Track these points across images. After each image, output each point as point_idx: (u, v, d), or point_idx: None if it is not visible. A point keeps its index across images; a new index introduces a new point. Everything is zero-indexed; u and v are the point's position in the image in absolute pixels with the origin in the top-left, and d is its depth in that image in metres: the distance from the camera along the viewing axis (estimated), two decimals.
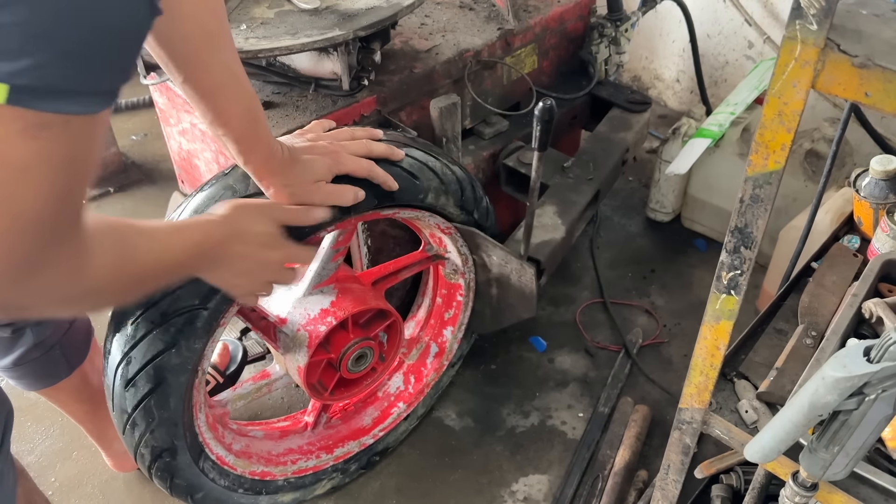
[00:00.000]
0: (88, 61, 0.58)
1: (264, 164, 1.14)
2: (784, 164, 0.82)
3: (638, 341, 2.02)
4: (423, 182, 1.39)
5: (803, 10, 0.70)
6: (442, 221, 1.52)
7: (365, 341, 1.49)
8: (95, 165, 0.68)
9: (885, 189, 1.44)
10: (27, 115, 0.56)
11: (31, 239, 0.64)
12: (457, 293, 1.74)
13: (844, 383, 0.80)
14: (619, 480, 1.64)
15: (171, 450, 1.32)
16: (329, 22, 1.45)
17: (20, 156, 0.58)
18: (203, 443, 1.41)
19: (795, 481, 0.99)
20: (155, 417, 1.26)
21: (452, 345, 1.78)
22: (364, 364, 1.52)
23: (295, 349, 1.44)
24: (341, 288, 1.49)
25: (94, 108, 0.61)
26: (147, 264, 0.88)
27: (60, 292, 0.72)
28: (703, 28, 2.60)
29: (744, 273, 0.94)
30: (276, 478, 1.58)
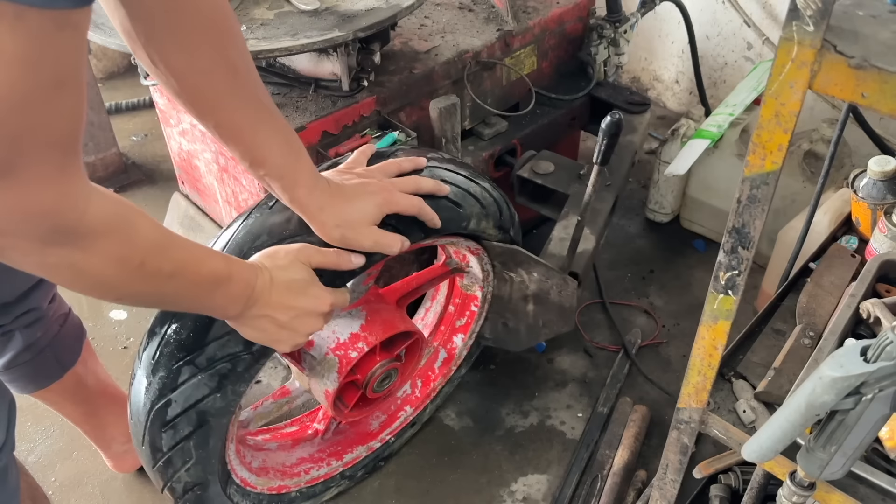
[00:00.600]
0: None
1: (311, 201, 1.08)
2: (781, 164, 0.82)
3: (637, 341, 2.02)
4: (466, 209, 1.35)
5: (800, 11, 0.71)
6: (473, 244, 1.48)
7: (391, 364, 1.44)
8: (71, 88, 0.63)
9: (882, 190, 1.45)
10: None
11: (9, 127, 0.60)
12: (472, 303, 1.72)
13: (841, 383, 0.80)
14: (617, 480, 1.64)
15: (203, 484, 1.30)
16: (329, 23, 1.45)
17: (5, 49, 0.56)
18: (231, 470, 1.39)
19: (793, 481, 1.00)
20: (192, 457, 1.24)
21: (462, 352, 1.77)
22: (388, 383, 1.48)
23: (323, 373, 1.39)
24: (370, 309, 1.44)
25: (54, 3, 0.57)
26: (163, 270, 0.82)
27: (47, 208, 0.67)
28: (702, 29, 2.61)
29: (741, 273, 0.94)
30: (291, 490, 1.57)
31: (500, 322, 1.69)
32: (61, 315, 1.45)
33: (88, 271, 0.77)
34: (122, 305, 2.17)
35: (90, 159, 2.55)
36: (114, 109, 2.96)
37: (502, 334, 1.72)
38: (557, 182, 1.82)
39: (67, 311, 1.49)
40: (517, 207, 1.89)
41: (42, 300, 1.39)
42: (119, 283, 0.81)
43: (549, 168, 1.84)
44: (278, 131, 1.04)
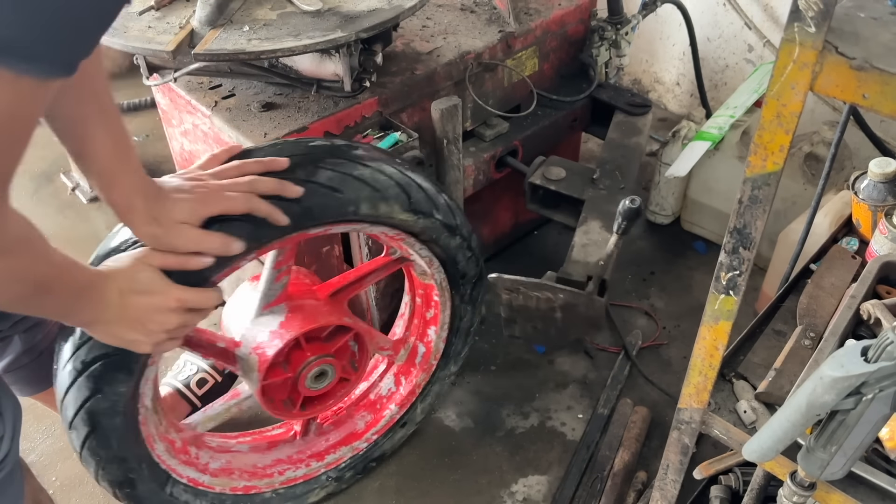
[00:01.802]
0: (53, 28, 0.60)
1: (123, 201, 1.08)
2: (782, 165, 0.82)
3: (637, 343, 2.02)
4: (348, 194, 1.25)
5: (801, 12, 0.71)
6: (391, 230, 1.42)
7: (323, 358, 1.43)
8: (28, 136, 0.68)
9: (883, 191, 1.45)
10: None
11: None
12: (432, 293, 1.69)
13: (842, 383, 0.80)
14: (618, 481, 1.64)
15: (129, 482, 1.34)
16: (331, 24, 1.46)
17: None
18: (168, 470, 1.40)
19: (793, 481, 1.00)
20: (101, 456, 1.28)
21: (438, 345, 1.74)
22: (325, 380, 1.47)
23: (249, 373, 1.40)
24: (292, 306, 1.42)
25: (47, 74, 0.62)
26: (43, 282, 0.86)
27: None
28: (703, 31, 2.61)
29: (742, 274, 0.95)
30: (263, 490, 1.57)
31: (529, 325, 1.67)
32: None
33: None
34: None
35: None
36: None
37: (532, 334, 1.70)
38: (571, 187, 1.82)
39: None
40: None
41: None
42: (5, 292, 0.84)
43: (562, 174, 1.84)
44: (109, 132, 1.05)
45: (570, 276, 1.57)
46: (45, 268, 0.85)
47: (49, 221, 2.49)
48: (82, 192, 2.61)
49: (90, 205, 2.57)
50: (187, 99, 1.66)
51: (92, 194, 2.58)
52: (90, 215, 2.53)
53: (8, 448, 1.07)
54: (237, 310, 1.48)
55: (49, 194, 2.63)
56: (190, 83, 1.68)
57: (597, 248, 1.66)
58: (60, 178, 2.69)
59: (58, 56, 0.63)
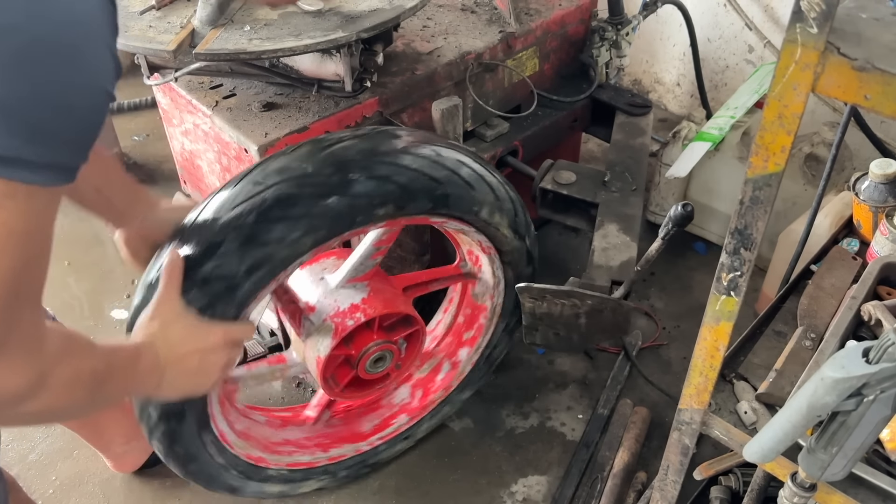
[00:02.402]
0: (54, 138, 0.63)
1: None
2: (784, 165, 0.82)
3: (637, 343, 2.02)
4: (478, 193, 1.38)
5: (804, 13, 0.71)
6: (485, 239, 1.49)
7: (386, 344, 1.47)
8: (49, 247, 0.71)
9: (884, 192, 1.45)
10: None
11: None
12: (480, 315, 1.72)
13: (843, 384, 0.80)
14: (617, 482, 1.64)
15: (179, 413, 1.30)
16: (332, 24, 1.46)
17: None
18: (210, 415, 1.39)
19: (794, 482, 1.00)
20: None
21: (466, 366, 1.75)
22: (382, 367, 1.50)
23: (318, 338, 1.42)
24: (374, 287, 1.47)
25: (56, 182, 0.65)
26: (100, 374, 0.86)
27: (14, 390, 0.71)
28: (704, 32, 2.61)
29: (743, 274, 0.95)
30: (270, 466, 1.57)
31: (551, 332, 1.67)
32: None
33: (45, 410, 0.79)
34: (122, 306, 2.18)
35: None
36: (116, 109, 2.97)
37: (553, 341, 1.70)
38: (583, 191, 1.81)
39: (51, 320, 1.49)
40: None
41: None
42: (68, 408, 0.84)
43: (572, 178, 1.83)
44: (125, 182, 1.21)
45: (593, 281, 1.57)
46: (94, 363, 0.85)
47: None
48: None
49: None
50: (188, 98, 1.66)
51: None
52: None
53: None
54: (308, 279, 1.50)
55: None
56: (191, 83, 1.68)
57: (617, 251, 1.65)
58: None
59: (67, 162, 0.67)
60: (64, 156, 0.65)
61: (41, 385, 0.73)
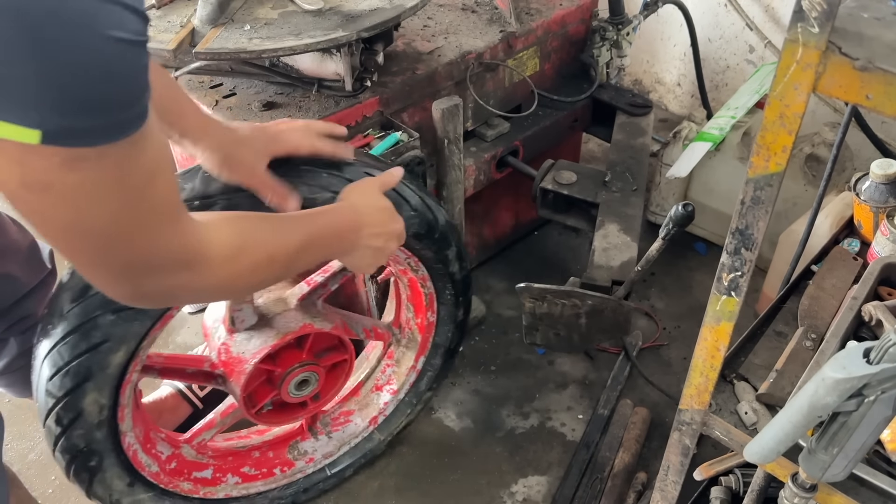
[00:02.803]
0: (104, 102, 0.62)
1: (198, 126, 1.17)
2: (785, 166, 0.82)
3: (637, 344, 2.02)
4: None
5: (805, 12, 0.71)
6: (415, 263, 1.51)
7: (312, 366, 1.48)
8: (164, 169, 0.72)
9: (885, 193, 1.45)
10: (62, 152, 0.61)
11: (121, 249, 0.71)
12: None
13: (844, 385, 0.80)
14: (618, 482, 1.64)
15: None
16: (332, 23, 1.46)
17: (69, 185, 0.63)
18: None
19: (795, 482, 1.00)
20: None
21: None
22: (305, 390, 1.50)
23: (251, 336, 1.47)
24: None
25: (123, 134, 0.65)
26: (273, 246, 0.92)
27: (187, 285, 0.79)
28: (705, 32, 2.61)
29: (744, 274, 0.94)
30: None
31: (551, 332, 1.67)
32: None
33: (218, 288, 0.87)
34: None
35: None
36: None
37: (554, 341, 1.70)
38: (584, 191, 1.81)
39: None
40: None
41: (37, 307, 1.38)
42: (250, 283, 0.93)
43: (573, 178, 1.83)
44: (190, 101, 1.20)
45: (594, 281, 1.57)
46: (278, 249, 0.92)
47: None
48: None
49: None
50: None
51: None
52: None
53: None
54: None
55: None
56: (191, 82, 1.67)
57: (618, 251, 1.65)
58: None
59: (125, 115, 0.66)
60: (116, 111, 0.64)
61: (219, 280, 0.81)
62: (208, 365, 1.45)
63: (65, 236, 0.69)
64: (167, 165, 0.74)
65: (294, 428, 1.70)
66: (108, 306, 1.17)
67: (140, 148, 0.67)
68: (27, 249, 1.39)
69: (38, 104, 0.58)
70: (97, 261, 0.72)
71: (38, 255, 1.42)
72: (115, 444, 1.30)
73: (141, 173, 0.68)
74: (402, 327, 1.74)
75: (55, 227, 0.68)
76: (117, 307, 1.17)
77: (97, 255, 0.71)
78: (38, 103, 0.58)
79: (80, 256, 0.72)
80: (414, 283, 1.61)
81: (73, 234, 0.68)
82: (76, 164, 0.62)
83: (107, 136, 0.63)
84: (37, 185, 0.62)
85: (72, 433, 1.24)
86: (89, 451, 1.28)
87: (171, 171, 0.76)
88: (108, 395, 1.24)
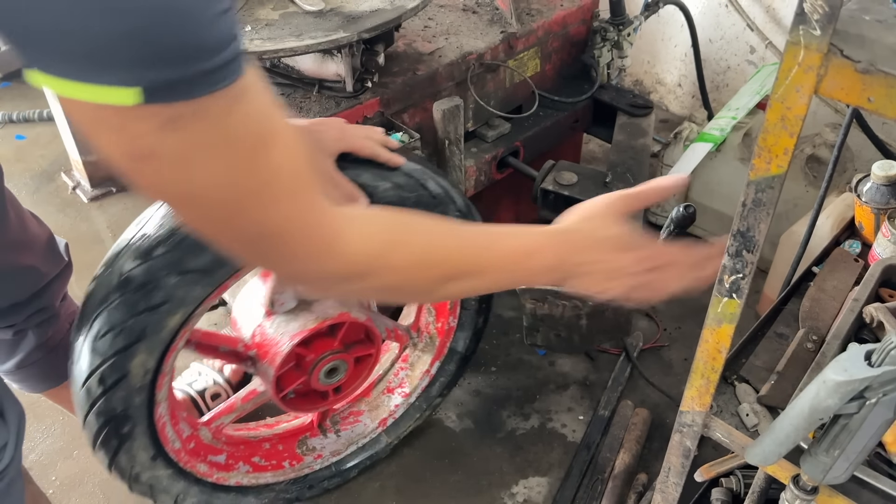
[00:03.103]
0: (191, 48, 0.58)
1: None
2: (787, 168, 0.82)
3: (638, 345, 2.02)
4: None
5: (807, 15, 0.71)
6: None
7: (343, 354, 1.48)
8: (281, 141, 0.67)
9: (886, 194, 1.45)
10: (159, 111, 0.58)
11: (241, 221, 0.67)
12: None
13: (846, 387, 0.80)
14: (618, 483, 1.64)
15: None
16: (333, 24, 1.46)
17: (172, 148, 0.60)
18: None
19: (796, 485, 1.00)
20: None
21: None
22: (334, 378, 1.51)
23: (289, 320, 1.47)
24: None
25: (217, 84, 0.60)
26: (432, 262, 0.82)
27: (310, 269, 0.73)
28: (705, 33, 2.61)
29: (746, 277, 0.94)
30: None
31: (552, 333, 1.66)
32: (71, 313, 1.46)
33: (394, 290, 0.82)
34: None
35: (93, 158, 2.55)
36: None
37: (554, 342, 1.69)
38: (584, 192, 1.80)
39: (77, 309, 1.50)
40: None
41: (54, 299, 1.39)
42: (422, 293, 0.86)
43: (573, 179, 1.83)
44: None
45: None
46: (426, 253, 0.81)
47: (50, 220, 2.45)
48: (83, 191, 2.60)
49: (91, 203, 2.56)
50: None
51: (93, 193, 2.58)
52: (91, 214, 2.53)
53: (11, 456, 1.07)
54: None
55: (50, 193, 2.63)
56: None
57: None
58: (61, 177, 2.69)
59: (220, 61, 0.60)
60: (204, 57, 0.59)
61: (337, 259, 0.73)
62: (242, 346, 1.46)
63: (183, 206, 0.67)
64: (287, 139, 0.68)
65: (304, 423, 1.71)
66: (173, 267, 1.17)
67: (240, 106, 0.63)
68: (46, 242, 1.40)
69: (127, 60, 0.55)
70: (222, 233, 0.69)
71: (55, 248, 1.43)
72: (148, 413, 1.30)
73: (245, 135, 0.64)
74: (421, 331, 1.74)
75: (172, 197, 0.66)
76: (183, 269, 1.17)
77: (220, 227, 0.68)
78: (128, 59, 0.55)
79: (206, 228, 0.69)
80: None
81: (190, 203, 0.66)
82: (175, 124, 0.59)
83: (200, 86, 0.59)
84: (141, 152, 0.60)
85: (113, 395, 1.23)
86: (125, 416, 1.27)
87: (294, 145, 0.69)
88: (156, 359, 1.24)
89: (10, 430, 1.07)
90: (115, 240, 1.27)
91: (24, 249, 1.33)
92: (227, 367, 1.86)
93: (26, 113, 2.98)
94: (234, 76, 0.61)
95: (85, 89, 0.55)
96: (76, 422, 1.68)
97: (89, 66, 0.55)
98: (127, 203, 2.55)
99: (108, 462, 1.33)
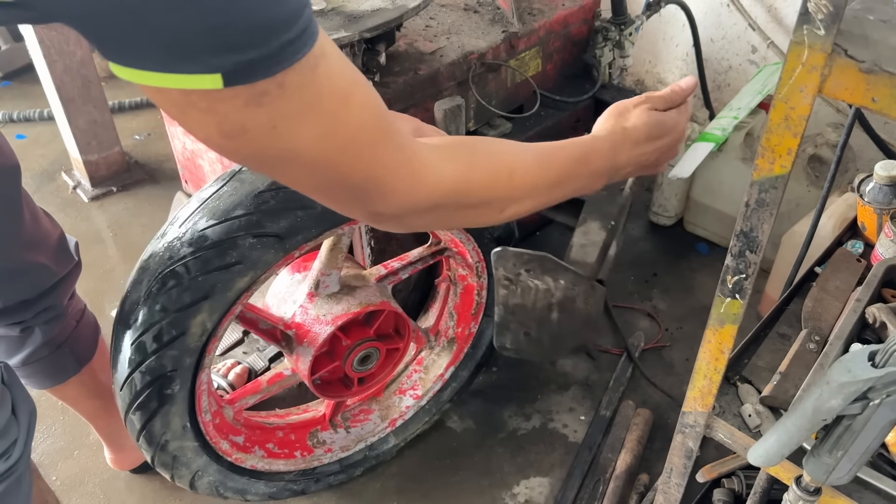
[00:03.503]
0: (267, 27, 0.59)
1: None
2: (790, 168, 0.82)
3: (640, 345, 2.02)
4: None
5: (811, 14, 0.70)
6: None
7: (377, 342, 1.51)
8: (357, 90, 0.68)
9: (888, 194, 1.44)
10: (244, 91, 0.59)
11: (343, 176, 0.69)
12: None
13: (849, 388, 0.80)
14: (620, 484, 1.64)
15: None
16: (335, 23, 1.45)
17: (263, 122, 0.62)
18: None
19: (799, 486, 0.99)
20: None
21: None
22: (367, 366, 1.53)
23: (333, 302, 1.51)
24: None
25: (296, 56, 0.61)
26: (506, 175, 0.88)
27: (406, 202, 0.76)
28: (707, 32, 2.60)
29: (748, 277, 0.94)
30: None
31: (522, 332, 1.65)
32: (78, 311, 1.47)
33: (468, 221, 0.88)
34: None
35: (93, 158, 2.55)
36: (117, 108, 2.96)
37: (524, 345, 1.69)
38: None
39: (83, 308, 1.50)
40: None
41: (62, 297, 1.40)
42: (496, 210, 0.90)
43: None
44: None
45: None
46: (499, 171, 0.86)
47: None
48: (83, 191, 2.60)
49: (91, 203, 2.56)
50: None
51: (93, 192, 2.58)
52: (91, 213, 2.53)
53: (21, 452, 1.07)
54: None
55: (50, 192, 2.63)
56: None
57: (595, 248, 1.64)
58: (62, 177, 2.69)
59: (293, 33, 0.61)
60: (281, 33, 0.60)
61: (428, 191, 0.77)
62: (282, 324, 1.48)
63: (286, 173, 0.69)
64: (364, 86, 0.71)
65: (316, 416, 1.72)
66: (251, 229, 1.18)
67: (319, 70, 0.64)
68: (58, 241, 1.41)
69: (208, 47, 0.56)
70: (319, 188, 0.72)
71: (66, 247, 1.43)
72: (192, 378, 1.30)
73: (330, 94, 0.66)
74: (440, 334, 1.75)
75: (273, 167, 0.67)
76: (260, 231, 1.18)
77: (316, 182, 0.71)
78: (208, 46, 0.56)
79: (312, 191, 0.72)
80: (470, 290, 1.63)
81: (284, 166, 0.67)
82: (261, 100, 0.61)
83: (281, 61, 0.60)
84: (233, 130, 0.62)
85: (166, 352, 1.23)
86: (172, 376, 1.26)
87: (370, 90, 0.72)
88: (215, 320, 1.24)
89: (20, 427, 1.07)
90: (115, 239, 1.27)
91: (36, 247, 1.34)
92: (232, 373, 1.86)
93: (27, 112, 2.98)
94: (311, 42, 0.62)
95: (169, 79, 0.57)
96: (77, 422, 1.69)
97: (170, 58, 0.56)
98: (128, 203, 2.55)
99: (139, 427, 1.31)
